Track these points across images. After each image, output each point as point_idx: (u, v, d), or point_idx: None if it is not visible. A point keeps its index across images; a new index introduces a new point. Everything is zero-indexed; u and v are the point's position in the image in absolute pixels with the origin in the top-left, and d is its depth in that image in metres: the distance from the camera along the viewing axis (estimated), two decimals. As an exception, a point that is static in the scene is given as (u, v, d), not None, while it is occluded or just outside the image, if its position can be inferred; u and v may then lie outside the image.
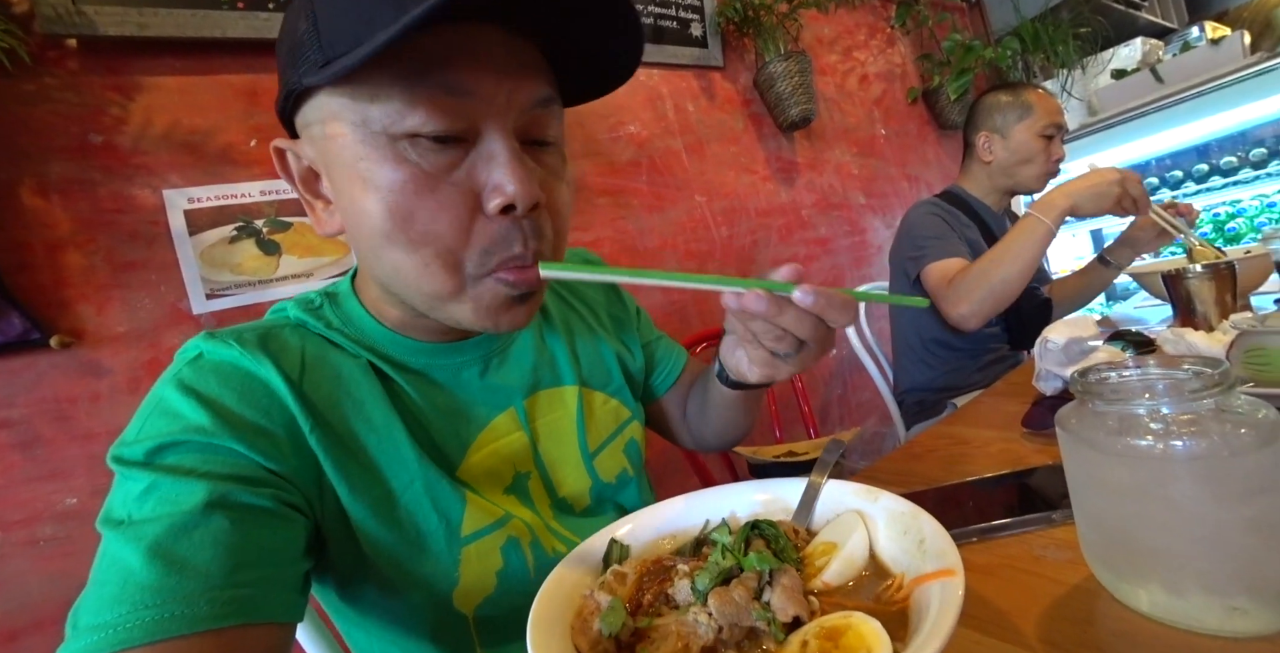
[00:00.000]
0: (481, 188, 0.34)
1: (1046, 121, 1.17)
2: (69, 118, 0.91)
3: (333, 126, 0.34)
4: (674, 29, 1.52)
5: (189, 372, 0.37)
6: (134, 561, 0.29)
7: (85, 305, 0.89)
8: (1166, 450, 0.25)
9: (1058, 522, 0.37)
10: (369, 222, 0.35)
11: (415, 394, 0.43)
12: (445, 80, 0.32)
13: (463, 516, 0.42)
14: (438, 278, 0.35)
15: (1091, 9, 2.15)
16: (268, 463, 0.35)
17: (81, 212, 0.90)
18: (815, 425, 1.19)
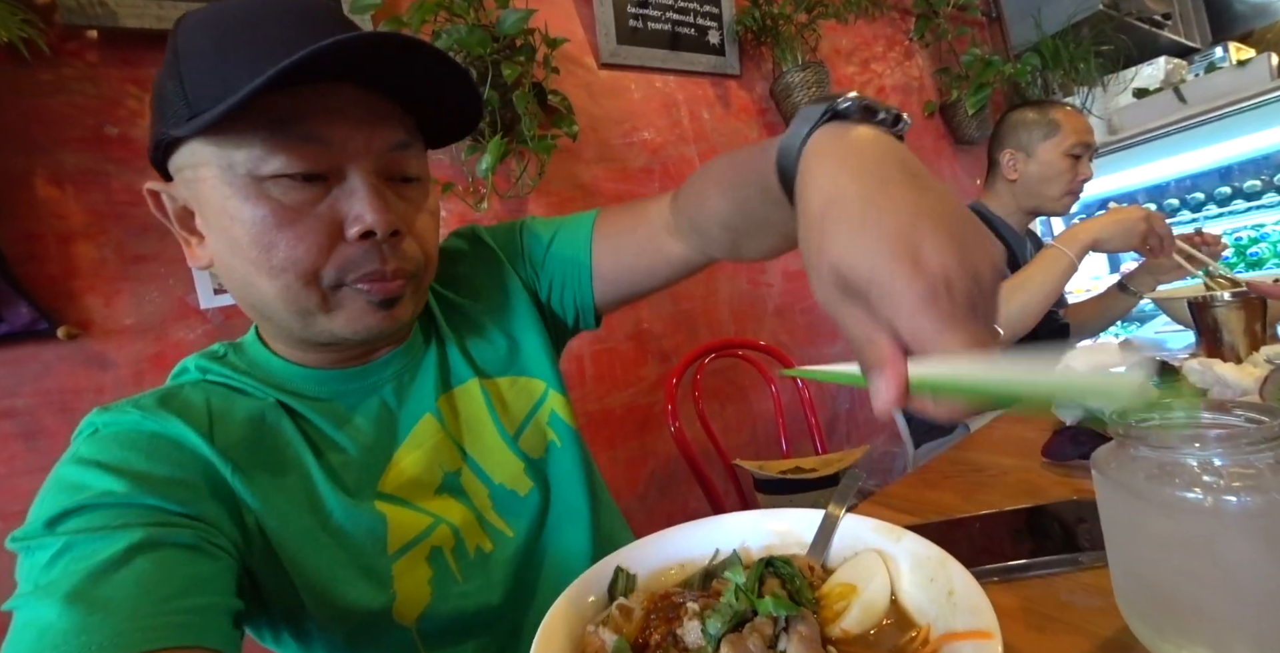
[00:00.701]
0: (343, 218, 0.38)
1: (1074, 140, 1.15)
2: (85, 109, 0.91)
3: (202, 171, 0.37)
4: (691, 36, 1.52)
5: (86, 447, 0.37)
6: (50, 614, 0.28)
7: (94, 297, 0.89)
8: (1218, 505, 0.23)
9: (1085, 565, 0.35)
10: (236, 253, 0.38)
11: (325, 423, 0.44)
12: (303, 131, 0.36)
13: (386, 534, 0.43)
14: (299, 296, 0.38)
15: (1114, 27, 2.13)
16: (188, 511, 0.35)
17: (94, 203, 0.90)
18: (823, 440, 1.17)
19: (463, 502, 0.48)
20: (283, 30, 0.36)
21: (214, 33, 0.37)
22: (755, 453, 1.50)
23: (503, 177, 1.21)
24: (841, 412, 1.72)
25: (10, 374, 0.82)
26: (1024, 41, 2.27)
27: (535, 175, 1.22)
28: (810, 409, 1.22)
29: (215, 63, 0.36)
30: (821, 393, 1.68)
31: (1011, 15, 2.33)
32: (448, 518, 0.46)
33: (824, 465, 1.00)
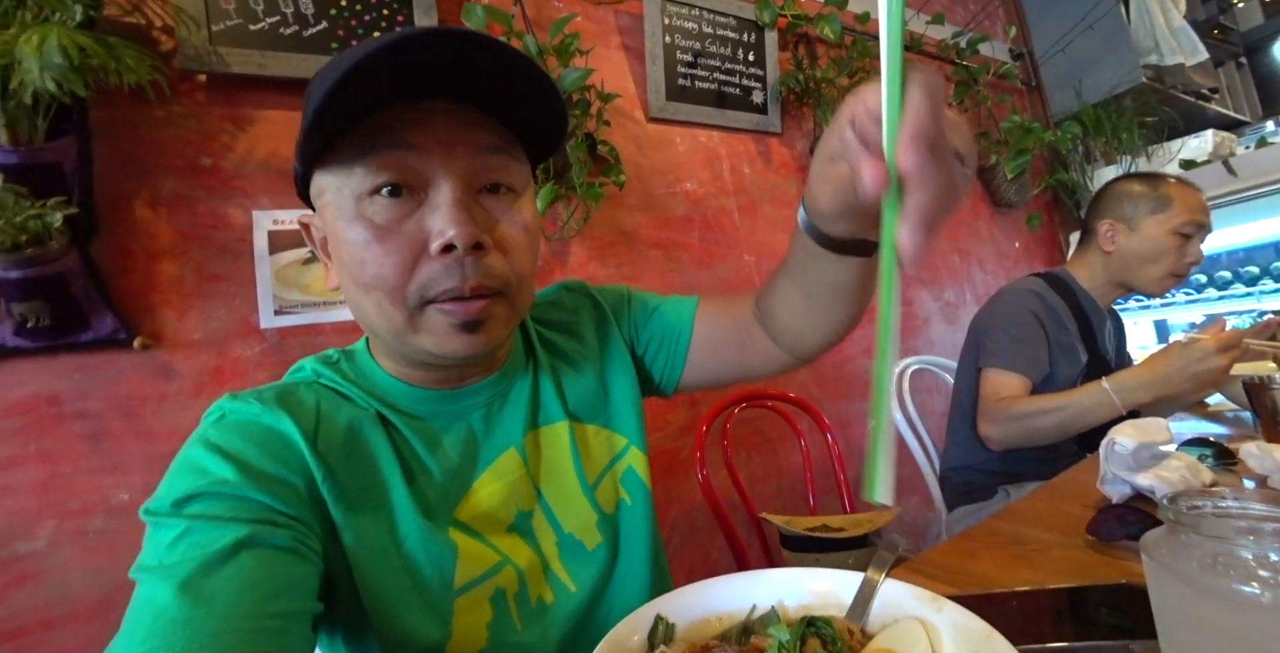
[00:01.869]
0: (428, 233, 0.39)
1: (1187, 218, 1.05)
2: (186, 141, 1.01)
3: (325, 198, 0.41)
4: (736, 95, 1.60)
5: (214, 431, 0.40)
6: (165, 598, 0.31)
7: (169, 311, 0.96)
8: (1275, 600, 0.23)
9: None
10: (344, 272, 0.41)
11: (418, 441, 0.46)
12: (393, 138, 0.38)
13: (455, 567, 0.43)
14: (389, 314, 0.40)
15: (1159, 99, 2.15)
16: (287, 510, 0.38)
17: (182, 225, 0.99)
18: (851, 499, 1.14)
19: (531, 545, 0.48)
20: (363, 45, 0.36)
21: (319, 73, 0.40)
22: (781, 507, 1.46)
23: (549, 220, 1.27)
24: (870, 469, 1.68)
25: (87, 378, 0.88)
26: (1065, 110, 2.31)
27: (581, 220, 1.28)
28: (839, 465, 1.20)
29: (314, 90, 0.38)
30: (850, 449, 1.64)
31: (1051, 85, 2.38)
32: (515, 560, 0.46)
33: (853, 525, 0.97)
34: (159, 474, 0.94)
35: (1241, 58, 2.71)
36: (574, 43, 1.22)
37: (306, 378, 0.47)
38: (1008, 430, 0.96)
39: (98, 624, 0.83)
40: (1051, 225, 2.41)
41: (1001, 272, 2.17)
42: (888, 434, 0.27)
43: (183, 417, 0.93)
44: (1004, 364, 1.02)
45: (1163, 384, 0.83)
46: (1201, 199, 1.08)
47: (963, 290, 2.03)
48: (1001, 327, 1.07)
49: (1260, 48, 2.70)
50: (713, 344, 0.58)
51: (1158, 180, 1.10)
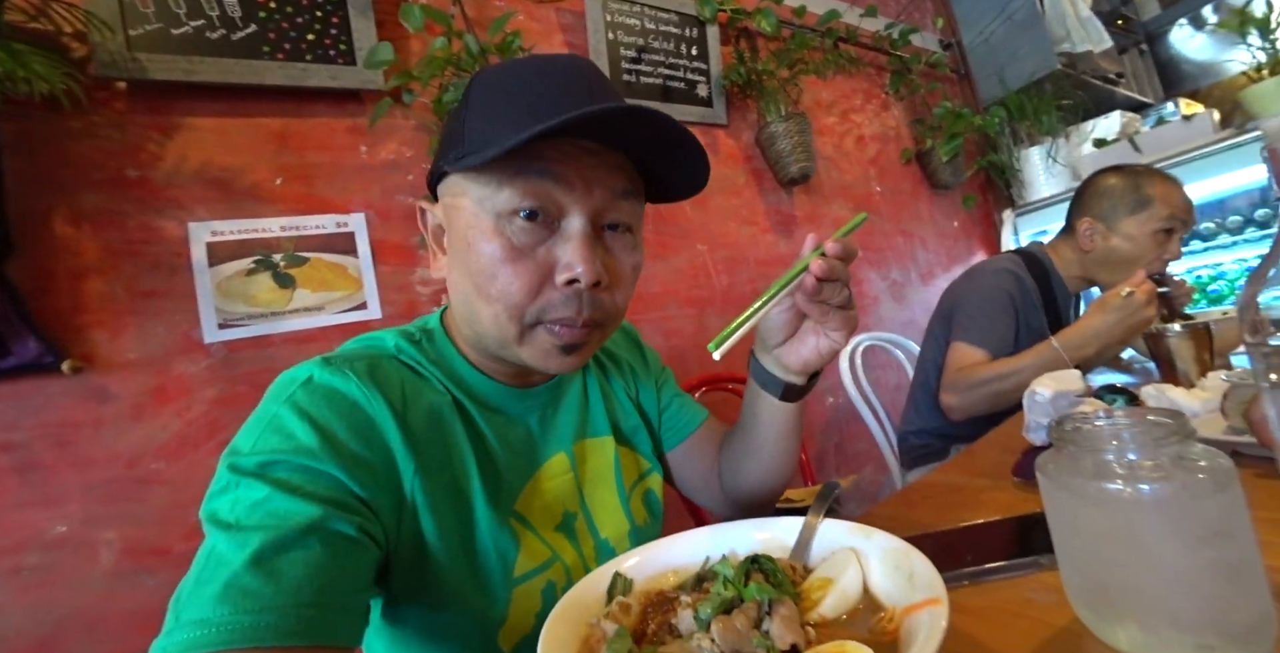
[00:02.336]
0: (556, 263, 0.43)
1: (1165, 215, 1.04)
2: (109, 153, 0.96)
3: (458, 200, 0.44)
4: (681, 89, 1.63)
5: (302, 394, 0.41)
6: (239, 564, 0.32)
7: (100, 331, 0.91)
8: (1135, 494, 0.27)
9: (1045, 566, 0.38)
10: (467, 275, 0.44)
11: (491, 431, 0.48)
12: (541, 168, 0.41)
13: (516, 557, 0.45)
14: (503, 326, 0.43)
15: (1073, 84, 2.31)
16: (361, 492, 0.39)
17: (109, 240, 0.94)
18: (812, 473, 1.19)
19: (574, 546, 0.51)
20: (547, 91, 0.42)
21: (492, 89, 0.43)
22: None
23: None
24: (831, 445, 1.74)
25: (12, 408, 0.83)
26: (991, 95, 2.45)
27: (533, 216, 1.29)
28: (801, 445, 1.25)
29: (491, 115, 0.42)
30: (811, 428, 1.71)
31: (978, 72, 2.52)
32: (563, 557, 0.49)
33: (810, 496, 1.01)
34: (100, 503, 0.90)
35: (1143, 45, 2.93)
36: (516, 41, 1.22)
37: (387, 351, 0.48)
38: (969, 398, 1.00)
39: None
40: (986, 205, 2.55)
41: (943, 250, 2.28)
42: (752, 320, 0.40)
43: (121, 442, 0.89)
44: (972, 340, 1.06)
45: (1105, 336, 0.89)
46: (1183, 195, 1.06)
47: (908, 270, 2.13)
48: (976, 303, 1.10)
49: (1159, 36, 2.92)
50: (689, 458, 0.64)
51: (1140, 178, 1.07)
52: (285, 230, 1.07)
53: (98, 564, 0.84)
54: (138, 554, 0.86)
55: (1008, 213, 2.41)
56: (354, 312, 1.10)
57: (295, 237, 1.07)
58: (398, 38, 1.18)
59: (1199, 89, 2.76)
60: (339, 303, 1.09)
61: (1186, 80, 2.85)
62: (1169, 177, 1.09)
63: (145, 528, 0.87)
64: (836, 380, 1.35)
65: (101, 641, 0.82)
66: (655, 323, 1.46)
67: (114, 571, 0.84)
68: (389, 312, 1.13)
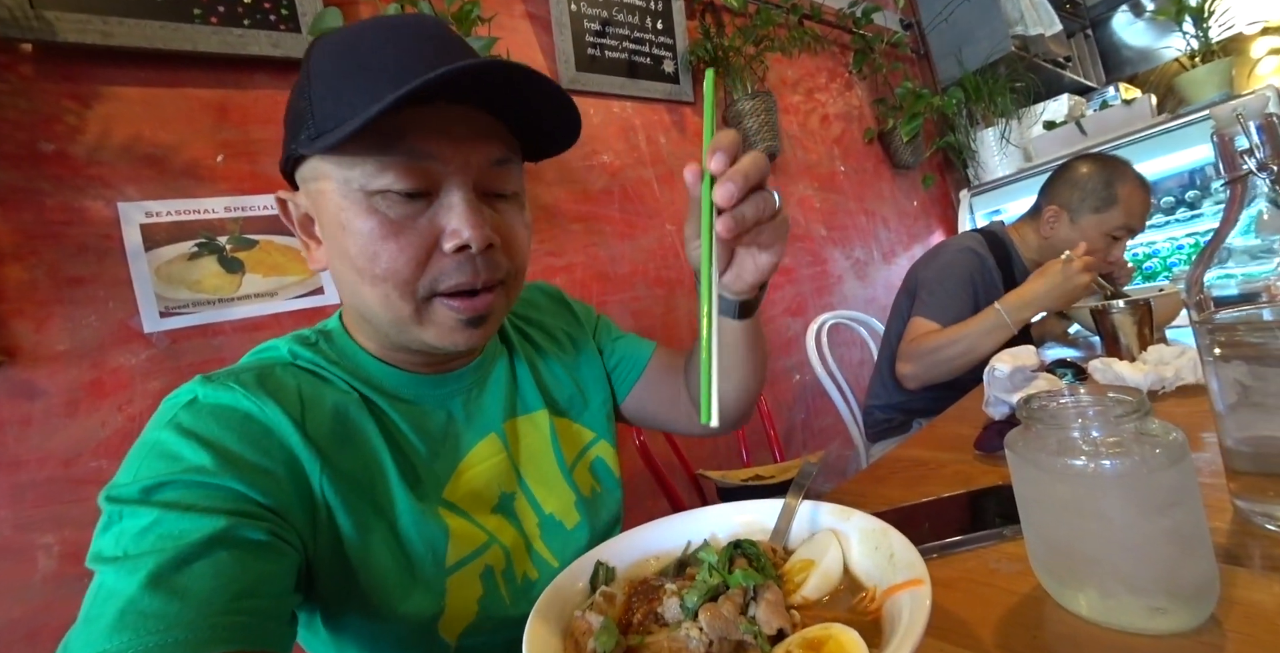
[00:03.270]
0: (441, 231, 0.40)
1: (1122, 222, 1.08)
2: (17, 125, 0.87)
3: (322, 184, 0.41)
4: (647, 65, 1.59)
5: (185, 415, 0.38)
6: (132, 590, 0.29)
7: (22, 322, 0.84)
8: (1097, 469, 0.28)
9: (1008, 537, 0.40)
10: (346, 261, 0.41)
11: (405, 424, 0.46)
12: (410, 148, 0.38)
13: (446, 546, 0.44)
14: (396, 306, 0.41)
15: (1025, 67, 2.38)
16: (266, 500, 0.36)
17: (25, 222, 0.86)
18: (781, 449, 1.22)
19: (514, 525, 0.49)
20: (399, 54, 0.39)
21: (337, 57, 0.40)
22: (717, 464, 1.54)
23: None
24: (798, 421, 1.79)
25: (-73, 405, 0.76)
26: (949, 77, 2.50)
27: (497, 196, 1.25)
28: (769, 421, 1.28)
29: (338, 85, 0.39)
30: (777, 404, 1.75)
31: (937, 53, 2.56)
32: (501, 539, 0.47)
33: (781, 472, 1.04)
34: (34, 505, 0.85)
35: (1088, 30, 3.03)
36: (474, 10, 1.16)
37: (281, 359, 0.45)
38: (922, 365, 1.04)
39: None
40: (944, 184, 2.62)
41: (904, 229, 2.34)
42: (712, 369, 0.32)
43: (54, 440, 0.83)
44: (930, 314, 1.10)
45: (1043, 299, 0.94)
46: (1147, 203, 1.09)
47: (870, 248, 2.18)
48: (937, 280, 1.14)
49: (1103, 21, 3.03)
50: (651, 391, 0.63)
51: (1114, 175, 1.09)
52: (230, 211, 1.00)
53: (36, 571, 0.79)
54: (78, 559, 0.80)
55: (964, 193, 2.48)
56: (309, 297, 1.05)
57: (241, 218, 1.01)
58: (346, 3, 1.10)
59: (1137, 74, 2.89)
60: (292, 288, 1.04)
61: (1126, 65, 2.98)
62: (1140, 179, 1.11)
63: (86, 530, 0.80)
64: (803, 358, 1.38)
65: (43, 651, 0.77)
66: (624, 304, 1.46)
67: (55, 576, 0.79)
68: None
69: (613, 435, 0.61)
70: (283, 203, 0.46)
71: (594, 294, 1.40)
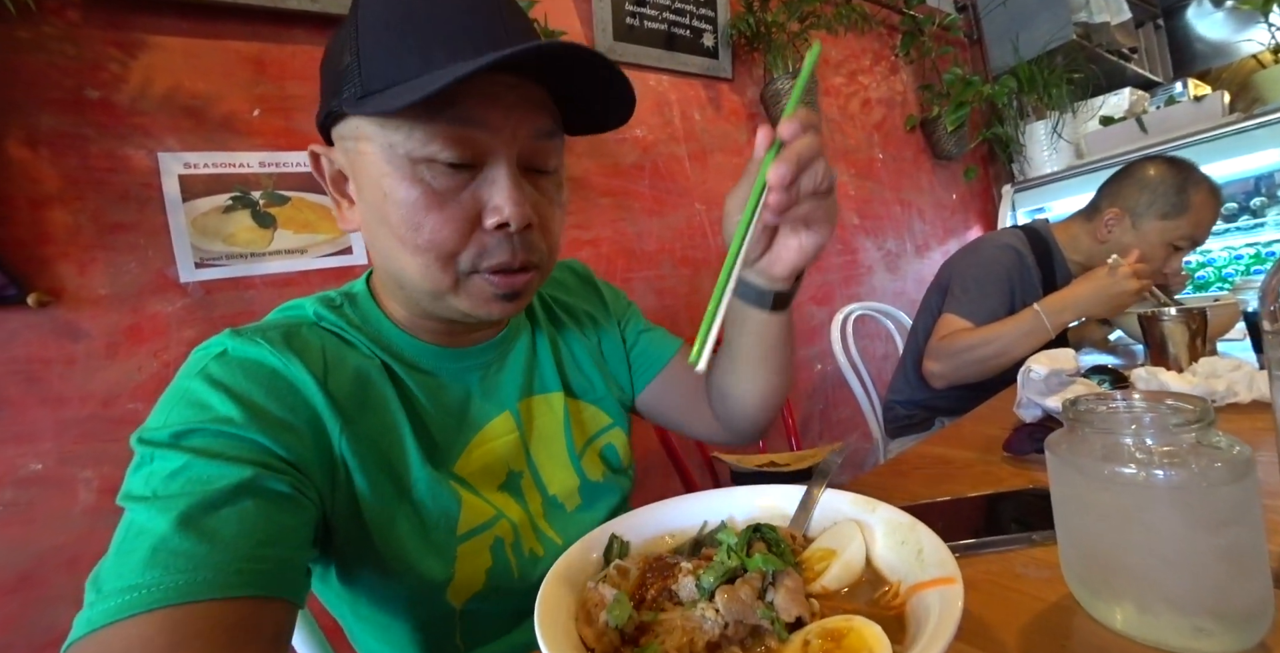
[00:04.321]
0: (483, 206, 0.40)
1: (1189, 233, 1.02)
2: (65, 70, 0.88)
3: (363, 145, 0.40)
4: (686, 37, 1.54)
5: (216, 366, 0.39)
6: (164, 529, 0.30)
7: (66, 265, 0.86)
8: (1148, 479, 0.27)
9: (1037, 542, 0.39)
10: (385, 228, 0.40)
11: (422, 394, 0.46)
12: (459, 115, 0.38)
13: (458, 514, 0.44)
14: (435, 276, 0.41)
15: (1086, 57, 2.25)
16: (288, 455, 0.37)
17: (70, 168, 0.87)
18: (798, 438, 1.21)
19: (519, 503, 0.50)
20: (454, 13, 0.38)
21: (388, 11, 0.38)
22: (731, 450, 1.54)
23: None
24: (816, 411, 1.78)
25: (-25, 340, 0.80)
26: (1002, 65, 2.37)
27: (528, 166, 1.23)
28: (788, 410, 1.26)
29: (391, 44, 0.37)
30: (798, 394, 1.73)
31: (991, 38, 2.43)
32: (508, 514, 0.48)
33: (797, 461, 1.03)
34: (76, 441, 0.88)
35: (1159, 19, 2.84)
36: (512, -30, 1.13)
37: (306, 318, 0.45)
38: (951, 364, 1.00)
39: (18, 601, 0.78)
40: (986, 178, 2.52)
41: (940, 223, 2.27)
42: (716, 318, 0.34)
43: (95, 380, 0.86)
44: (962, 312, 1.06)
45: (1086, 304, 0.90)
46: (1216, 214, 1.03)
47: (903, 240, 2.11)
48: (973, 277, 1.08)
49: (1177, 11, 2.83)
50: (669, 391, 0.62)
51: (1188, 181, 1.02)
52: (264, 166, 1.00)
53: (77, 502, 0.83)
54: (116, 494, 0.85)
55: (1007, 188, 2.38)
56: (338, 256, 1.06)
57: (275, 174, 1.01)
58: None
59: (1209, 69, 2.71)
60: (322, 246, 1.05)
61: (1198, 59, 2.79)
62: (1215, 188, 1.03)
63: (123, 468, 0.84)
64: (825, 347, 1.36)
65: (82, 578, 0.81)
66: (649, 281, 1.44)
67: (94, 508, 0.83)
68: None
69: (627, 424, 0.61)
70: (315, 157, 0.45)
71: (619, 271, 1.39)
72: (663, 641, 0.26)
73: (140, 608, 0.28)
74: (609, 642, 0.26)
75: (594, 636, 0.26)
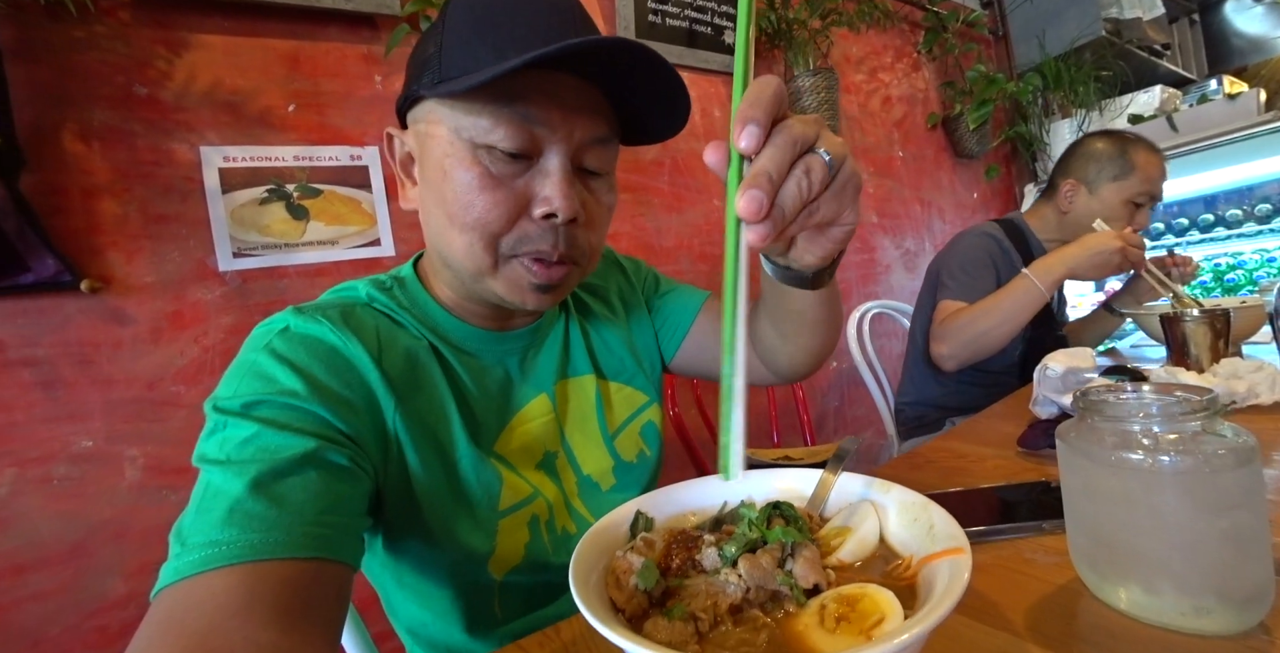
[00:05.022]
0: (534, 196, 0.42)
1: (1143, 189, 1.09)
2: (115, 68, 0.92)
3: (434, 127, 0.43)
4: (707, 35, 1.55)
5: (280, 342, 0.41)
6: (239, 491, 0.33)
7: (115, 253, 0.91)
8: (1155, 465, 0.28)
9: (1047, 531, 0.40)
10: (441, 205, 0.43)
11: (467, 375, 0.48)
12: (524, 110, 0.40)
13: (500, 491, 0.47)
14: (478, 256, 0.43)
15: (1115, 53, 2.20)
16: (346, 429, 0.40)
17: (119, 161, 0.92)
18: (812, 434, 1.22)
19: (555, 482, 0.52)
20: (532, 19, 0.41)
21: (474, 12, 0.41)
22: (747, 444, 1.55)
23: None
24: (831, 408, 1.78)
25: (33, 323, 0.84)
26: (1027, 62, 2.33)
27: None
28: (802, 406, 1.28)
29: (471, 40, 0.41)
30: (812, 392, 1.74)
31: (1017, 34, 2.39)
32: (544, 493, 0.50)
33: (811, 455, 1.05)
34: (123, 421, 0.93)
35: (1195, 14, 2.76)
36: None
37: (360, 299, 0.48)
38: (958, 342, 1.01)
39: (72, 569, 0.84)
40: (1008, 177, 2.48)
41: (960, 221, 2.25)
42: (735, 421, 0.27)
43: (140, 364, 0.90)
44: (955, 294, 1.09)
45: (1072, 262, 0.92)
46: (1162, 168, 1.11)
47: (922, 239, 2.10)
48: (959, 265, 1.13)
49: (1214, 5, 2.75)
50: (703, 344, 0.62)
51: (1126, 144, 1.11)
52: (299, 160, 1.04)
53: (123, 479, 0.87)
54: (160, 472, 0.89)
55: (1030, 187, 2.35)
56: (367, 248, 1.09)
57: (308, 167, 1.05)
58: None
59: (1245, 66, 2.63)
60: (352, 238, 1.08)
61: (1235, 56, 2.71)
62: (1153, 146, 1.12)
63: (166, 447, 0.90)
64: (842, 345, 1.36)
65: (128, 549, 0.86)
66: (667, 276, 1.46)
67: (139, 485, 0.88)
68: (402, 249, 1.12)
69: (661, 399, 0.63)
70: (390, 138, 0.48)
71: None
72: (687, 603, 0.28)
73: (221, 562, 0.31)
74: (638, 604, 0.28)
75: (624, 598, 0.28)
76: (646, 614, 0.28)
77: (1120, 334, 2.15)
